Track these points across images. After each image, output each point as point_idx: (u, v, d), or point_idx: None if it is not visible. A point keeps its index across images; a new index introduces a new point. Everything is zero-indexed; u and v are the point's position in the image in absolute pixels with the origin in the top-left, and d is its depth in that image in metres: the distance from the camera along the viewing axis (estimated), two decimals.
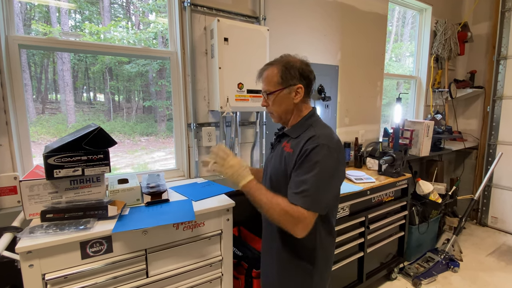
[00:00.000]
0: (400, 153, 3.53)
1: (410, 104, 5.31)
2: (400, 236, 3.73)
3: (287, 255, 1.78)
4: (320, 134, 1.62)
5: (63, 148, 1.81)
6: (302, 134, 1.69)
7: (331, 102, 3.80)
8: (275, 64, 1.73)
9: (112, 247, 1.80)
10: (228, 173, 1.65)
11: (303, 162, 1.56)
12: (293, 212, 1.51)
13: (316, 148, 1.55)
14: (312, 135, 1.61)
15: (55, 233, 1.67)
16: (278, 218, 1.54)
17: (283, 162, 1.69)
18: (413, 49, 5.33)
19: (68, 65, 2.80)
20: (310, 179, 1.53)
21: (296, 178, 1.58)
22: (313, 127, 1.70)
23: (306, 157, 1.56)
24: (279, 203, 1.54)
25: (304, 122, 1.75)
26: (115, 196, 2.04)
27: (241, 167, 1.66)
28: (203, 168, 1.97)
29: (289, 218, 1.51)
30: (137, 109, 3.28)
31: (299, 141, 1.66)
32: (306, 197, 1.52)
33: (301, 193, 1.52)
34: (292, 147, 1.67)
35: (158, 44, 3.07)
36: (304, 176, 1.55)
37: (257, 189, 1.61)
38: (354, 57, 4.04)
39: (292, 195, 1.55)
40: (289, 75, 1.69)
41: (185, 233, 2.05)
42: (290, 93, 1.71)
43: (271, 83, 1.72)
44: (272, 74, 1.72)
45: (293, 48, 3.41)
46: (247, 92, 2.80)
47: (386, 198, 3.42)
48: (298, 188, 1.54)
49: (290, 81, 1.69)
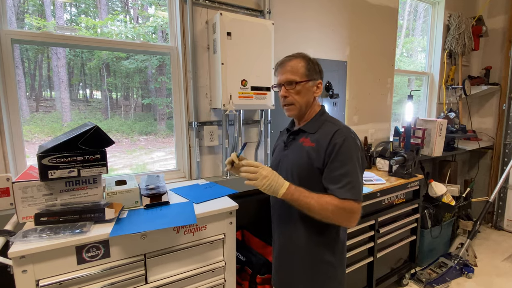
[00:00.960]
0: (411, 153, 3.52)
1: (422, 102, 5.30)
2: (412, 240, 3.73)
3: (310, 248, 1.84)
4: (342, 127, 1.74)
5: (58, 148, 1.81)
6: (320, 129, 1.79)
7: (339, 99, 3.79)
8: (299, 57, 1.82)
9: (109, 252, 1.79)
10: (265, 184, 1.64)
11: (337, 156, 1.67)
12: (345, 206, 1.61)
13: (345, 141, 1.67)
14: (336, 129, 1.72)
15: (49, 237, 1.66)
16: (331, 216, 1.63)
17: (305, 156, 1.75)
18: (425, 44, 5.31)
19: (63, 61, 2.80)
20: (349, 171, 1.65)
21: (334, 172, 1.67)
22: (331, 122, 1.81)
23: (339, 150, 1.66)
24: (329, 201, 1.62)
25: (318, 118, 1.85)
26: (113, 198, 2.03)
27: (275, 175, 1.67)
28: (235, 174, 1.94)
29: (343, 213, 1.62)
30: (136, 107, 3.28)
31: (320, 135, 1.75)
32: (352, 189, 1.63)
33: (346, 185, 1.63)
34: (314, 141, 1.76)
35: (158, 39, 3.06)
36: (342, 169, 1.65)
37: (300, 193, 1.65)
38: (363, 53, 4.04)
39: (337, 190, 1.64)
40: (313, 69, 1.82)
41: (186, 237, 2.04)
42: (313, 86, 1.84)
43: (298, 74, 1.79)
44: (299, 65, 1.79)
45: (299, 43, 3.40)
46: (251, 89, 2.80)
47: (397, 200, 3.42)
48: (341, 182, 1.65)
49: (314, 75, 1.82)
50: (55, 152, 1.80)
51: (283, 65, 1.83)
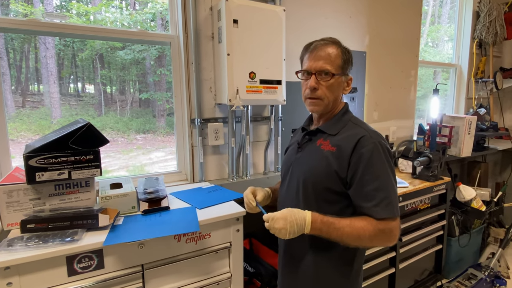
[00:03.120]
0: (437, 153, 3.50)
1: (449, 97, 5.28)
2: (438, 249, 3.73)
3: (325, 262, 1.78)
4: (370, 131, 1.67)
5: (47, 147, 1.80)
6: (342, 131, 1.71)
7: (358, 94, 3.78)
8: (335, 44, 1.74)
9: (103, 263, 1.79)
10: (286, 235, 1.57)
11: (367, 167, 1.58)
12: (384, 228, 1.55)
13: (375, 150, 1.59)
14: (362, 134, 1.63)
15: (37, 246, 1.65)
16: (369, 243, 1.59)
17: (324, 162, 1.68)
18: (452, 32, 5.29)
19: (53, 52, 2.79)
20: (383, 185, 1.58)
21: (366, 187, 1.59)
22: (355, 124, 1.73)
23: (369, 161, 1.59)
24: (364, 227, 1.55)
25: (340, 117, 1.78)
26: (107, 203, 2.02)
27: (290, 218, 1.57)
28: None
29: (382, 236, 1.56)
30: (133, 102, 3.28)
31: (343, 139, 1.67)
32: (388, 206, 1.56)
33: (381, 202, 1.56)
34: (335, 145, 1.67)
35: (157, 27, 3.06)
36: (375, 183, 1.58)
37: (328, 226, 1.57)
38: (384, 42, 4.01)
39: (373, 209, 1.57)
40: (348, 62, 1.75)
41: (188, 246, 2.03)
42: (344, 82, 1.76)
43: (334, 64, 1.70)
44: (336, 54, 1.71)
45: (312, 32, 3.38)
46: (260, 83, 2.78)
47: (421, 205, 3.41)
48: (376, 199, 1.57)
49: (347, 70, 1.75)
50: (43, 152, 1.79)
51: (317, 49, 1.72)
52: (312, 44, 1.75)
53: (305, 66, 1.75)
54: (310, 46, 1.75)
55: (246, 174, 3.05)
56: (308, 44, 1.77)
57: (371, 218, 1.56)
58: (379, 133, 1.69)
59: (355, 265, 1.79)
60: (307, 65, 1.73)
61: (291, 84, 3.04)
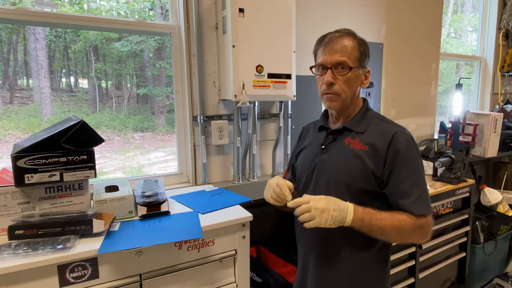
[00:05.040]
0: (460, 153, 3.50)
1: (473, 92, 5.28)
2: (461, 257, 3.74)
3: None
4: (399, 127, 1.74)
5: (37, 147, 1.80)
6: (370, 128, 1.76)
7: (374, 89, 3.78)
8: (351, 35, 1.76)
9: (98, 272, 1.78)
10: (328, 219, 1.54)
11: (403, 164, 1.65)
12: (423, 224, 1.63)
13: (408, 146, 1.67)
14: (395, 130, 1.70)
15: (26, 254, 1.65)
16: (408, 237, 1.69)
17: (358, 161, 1.71)
18: (476, 22, 5.29)
19: (43, 43, 2.80)
20: (419, 181, 1.66)
21: (403, 184, 1.66)
22: (382, 120, 1.80)
23: (405, 157, 1.65)
24: (404, 221, 1.61)
25: (364, 114, 1.82)
26: (102, 207, 2.01)
27: (333, 202, 1.57)
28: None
29: (420, 231, 1.65)
30: (130, 98, 3.29)
31: (374, 136, 1.72)
32: (425, 202, 1.65)
33: (419, 198, 1.64)
34: (366, 143, 1.72)
35: (156, 16, 3.06)
36: (411, 179, 1.65)
37: (371, 215, 1.61)
38: (402, 33, 4.01)
39: (411, 205, 1.63)
40: (365, 55, 1.77)
41: (190, 254, 2.02)
42: (361, 75, 1.79)
43: (351, 57, 1.71)
44: (353, 45, 1.73)
45: (325, 22, 3.36)
46: (268, 77, 2.77)
47: (443, 210, 3.42)
48: (413, 195, 1.64)
49: (365, 62, 1.78)
50: (33, 152, 1.79)
51: (332, 42, 1.72)
52: (326, 36, 1.76)
53: (319, 60, 1.76)
54: (324, 39, 1.76)
55: (253, 176, 3.04)
56: (322, 36, 1.78)
57: (410, 214, 1.62)
58: (406, 129, 1.75)
59: (387, 268, 1.88)
60: (322, 59, 1.73)
61: (301, 79, 3.03)
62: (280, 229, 3.12)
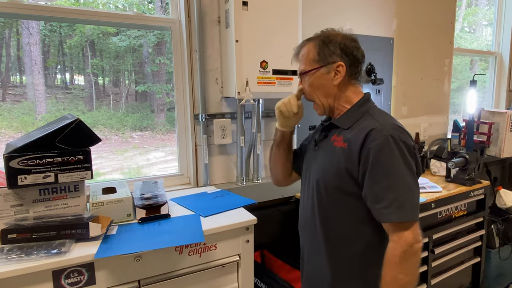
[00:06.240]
0: (475, 153, 3.51)
1: (488, 89, 5.28)
2: (475, 262, 3.74)
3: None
4: (383, 122, 1.65)
5: (30, 146, 1.80)
6: (356, 124, 1.72)
7: (384, 86, 3.77)
8: (312, 40, 1.82)
9: (94, 278, 1.78)
10: None
11: (377, 163, 1.58)
12: (397, 237, 1.57)
13: (385, 143, 1.58)
14: (373, 127, 1.62)
15: (19, 258, 1.65)
16: (408, 264, 1.58)
17: (335, 161, 1.71)
18: (492, 16, 5.28)
19: (37, 38, 2.80)
20: (395, 184, 1.58)
21: (376, 186, 1.60)
22: (370, 115, 1.73)
23: (379, 156, 1.58)
24: (393, 254, 1.58)
25: (356, 109, 1.78)
26: (99, 210, 2.01)
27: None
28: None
29: (409, 250, 1.57)
30: (128, 96, 3.29)
31: (354, 134, 1.68)
32: (400, 208, 1.55)
33: (393, 204, 1.55)
34: (346, 140, 1.70)
35: (156, 10, 3.07)
36: (385, 181, 1.58)
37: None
38: (414, 27, 4.01)
39: (382, 210, 1.58)
40: (328, 50, 1.75)
41: (191, 259, 2.02)
42: (329, 72, 1.76)
43: (307, 61, 1.80)
44: (307, 50, 1.80)
45: (332, 15, 3.37)
46: (273, 73, 2.77)
47: (456, 213, 3.42)
48: (386, 199, 1.57)
49: (328, 58, 1.75)
50: (26, 152, 1.79)
51: (297, 53, 1.87)
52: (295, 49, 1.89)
53: None
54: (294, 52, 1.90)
55: (257, 177, 3.04)
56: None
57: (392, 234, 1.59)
58: (398, 125, 1.68)
59: (375, 271, 1.76)
60: None
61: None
62: (286, 232, 3.13)
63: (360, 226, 1.71)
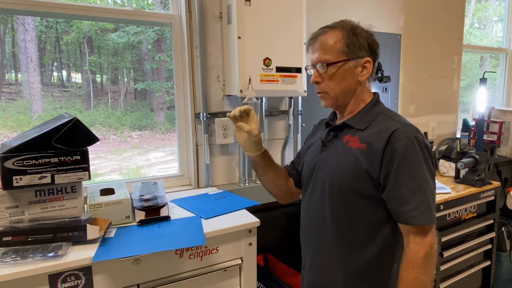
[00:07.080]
0: (485, 153, 3.51)
1: (498, 87, 5.28)
2: (485, 266, 3.74)
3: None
4: (404, 124, 1.66)
5: (26, 146, 1.80)
6: (373, 125, 1.72)
7: (391, 84, 3.75)
8: (337, 28, 1.74)
9: (92, 282, 1.77)
10: None
11: (403, 165, 1.59)
12: (428, 243, 1.60)
13: (410, 144, 1.60)
14: (396, 127, 1.63)
15: (15, 262, 1.64)
16: (429, 266, 1.61)
17: (352, 161, 1.69)
18: (502, 11, 5.27)
19: (33, 34, 2.80)
20: (421, 186, 1.60)
21: (401, 189, 1.61)
22: (388, 116, 1.74)
23: (404, 157, 1.59)
24: (416, 256, 1.59)
25: (370, 110, 1.79)
26: (97, 212, 2.01)
27: None
28: None
29: (431, 251, 1.60)
30: (127, 94, 3.29)
31: (373, 134, 1.68)
32: (427, 210, 1.59)
33: (419, 206, 1.58)
34: (364, 141, 1.68)
35: (155, 5, 3.07)
36: (411, 183, 1.60)
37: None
38: (422, 23, 4.01)
39: (409, 213, 1.59)
40: (358, 43, 1.71)
41: (192, 262, 2.02)
42: (356, 67, 1.74)
43: (333, 51, 1.71)
44: (333, 39, 1.72)
45: (338, 10, 3.36)
46: (277, 71, 2.77)
47: (466, 214, 3.41)
48: (412, 201, 1.59)
49: (358, 52, 1.72)
50: (21, 152, 1.79)
51: (314, 40, 1.78)
52: (312, 35, 1.81)
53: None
54: (309, 37, 1.82)
55: None
56: (310, 35, 1.83)
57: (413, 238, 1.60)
58: (416, 126, 1.69)
59: (391, 279, 1.81)
60: (311, 59, 1.80)
61: None
62: (289, 235, 3.12)
63: (376, 229, 1.71)
